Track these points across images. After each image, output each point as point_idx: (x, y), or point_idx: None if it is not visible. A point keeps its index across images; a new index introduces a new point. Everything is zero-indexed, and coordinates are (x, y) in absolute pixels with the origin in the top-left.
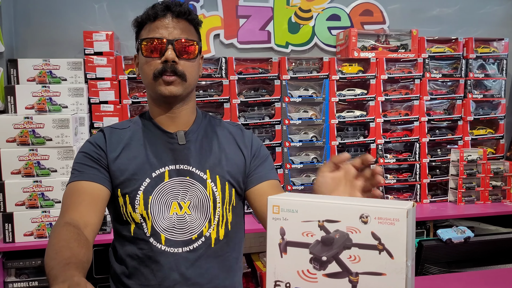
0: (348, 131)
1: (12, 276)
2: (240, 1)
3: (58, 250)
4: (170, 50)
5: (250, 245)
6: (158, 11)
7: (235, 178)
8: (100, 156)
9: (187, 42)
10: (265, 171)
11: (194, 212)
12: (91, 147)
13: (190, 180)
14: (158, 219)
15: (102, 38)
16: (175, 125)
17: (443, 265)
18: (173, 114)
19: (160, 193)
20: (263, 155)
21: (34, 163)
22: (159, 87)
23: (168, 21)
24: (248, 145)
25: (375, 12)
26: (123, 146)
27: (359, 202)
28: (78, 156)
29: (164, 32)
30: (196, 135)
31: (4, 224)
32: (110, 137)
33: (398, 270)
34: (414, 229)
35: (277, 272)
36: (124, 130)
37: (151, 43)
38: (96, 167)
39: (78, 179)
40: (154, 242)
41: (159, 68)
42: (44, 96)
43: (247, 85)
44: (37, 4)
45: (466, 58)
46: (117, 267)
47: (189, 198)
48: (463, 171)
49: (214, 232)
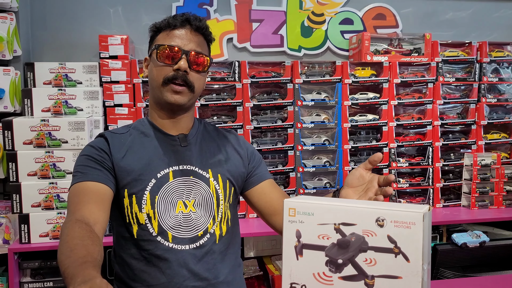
0: (360, 135)
1: (27, 276)
2: (253, 5)
3: (72, 247)
4: (183, 59)
5: (262, 248)
6: (178, 22)
7: (235, 177)
8: (103, 158)
9: (200, 55)
10: (263, 172)
11: (199, 209)
12: (93, 150)
13: (194, 179)
14: (165, 218)
15: (117, 42)
16: (176, 129)
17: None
18: (174, 120)
19: (166, 193)
20: (258, 158)
21: (50, 165)
22: (166, 94)
23: (185, 32)
24: (244, 148)
25: (388, 16)
26: (126, 148)
27: (375, 205)
28: (80, 159)
29: (180, 42)
30: (196, 138)
31: (20, 225)
32: (112, 140)
33: (415, 273)
34: (430, 233)
35: (293, 275)
36: (123, 134)
37: (166, 50)
38: (99, 168)
39: (82, 179)
40: (162, 240)
41: (170, 75)
42: (60, 99)
43: (260, 89)
44: (53, 9)
45: (480, 62)
46: (121, 271)
47: (194, 197)
48: (476, 175)
49: (218, 228)
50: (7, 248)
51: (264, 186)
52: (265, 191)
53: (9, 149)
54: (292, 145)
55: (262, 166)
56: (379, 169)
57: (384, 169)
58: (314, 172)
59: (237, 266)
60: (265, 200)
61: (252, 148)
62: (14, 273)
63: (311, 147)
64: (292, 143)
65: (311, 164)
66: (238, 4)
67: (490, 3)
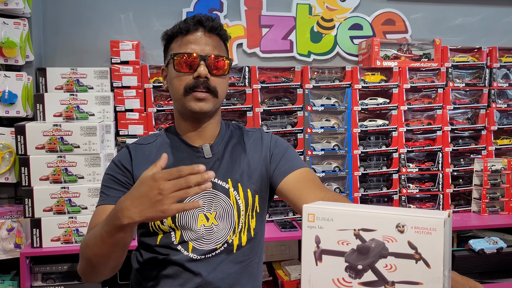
0: (370, 140)
1: (38, 280)
2: (263, 10)
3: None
4: (202, 66)
5: (271, 254)
6: (190, 26)
7: (257, 184)
8: (126, 177)
9: (219, 58)
10: (288, 163)
11: (220, 222)
12: (116, 169)
13: (214, 191)
14: (187, 231)
15: (128, 47)
16: (201, 139)
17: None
18: (200, 129)
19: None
20: (280, 150)
21: (62, 170)
22: (190, 103)
23: (200, 35)
24: (266, 145)
25: (397, 22)
26: (150, 162)
27: (395, 211)
28: (105, 178)
29: (196, 47)
30: (221, 147)
31: (32, 229)
32: (135, 154)
33: (435, 280)
34: (450, 239)
35: (312, 280)
36: (149, 144)
37: (183, 58)
38: (121, 190)
39: (105, 202)
40: (182, 249)
41: (191, 84)
42: (72, 104)
43: (270, 94)
44: (65, 14)
45: (490, 68)
46: (138, 272)
47: (214, 209)
48: (487, 181)
49: (237, 238)
50: (19, 252)
51: (290, 179)
52: (291, 185)
53: (22, 153)
54: (302, 150)
55: (287, 157)
56: (388, 175)
57: (394, 175)
58: (324, 177)
59: (258, 275)
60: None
61: (275, 140)
62: (25, 277)
63: (321, 152)
64: (302, 148)
65: (321, 169)
66: (248, 10)
67: (500, 8)
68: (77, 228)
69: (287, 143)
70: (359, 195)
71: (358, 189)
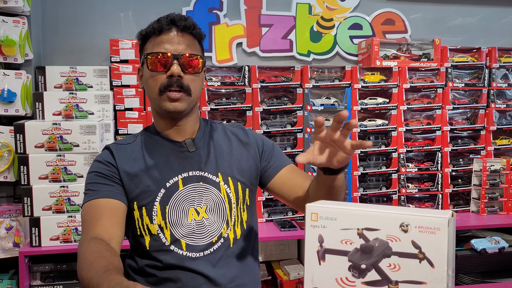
0: (369, 140)
1: (37, 279)
2: (263, 10)
3: (92, 261)
4: (175, 64)
5: (271, 253)
6: (163, 25)
7: (247, 177)
8: (112, 172)
9: (192, 56)
10: (278, 160)
11: (211, 215)
12: (101, 166)
13: (204, 185)
14: (178, 227)
15: (127, 46)
16: (182, 135)
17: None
18: (178, 126)
19: (177, 202)
20: (269, 147)
21: (61, 169)
22: (164, 103)
23: (173, 35)
24: (253, 142)
25: (397, 21)
26: (133, 159)
27: (399, 210)
28: (90, 176)
29: (169, 46)
30: (203, 141)
31: (31, 228)
32: (117, 152)
33: (439, 279)
34: (454, 239)
35: (315, 279)
36: (129, 145)
37: (156, 57)
38: (110, 184)
39: (94, 197)
40: (175, 249)
41: (165, 83)
42: (71, 102)
43: (270, 93)
44: (65, 13)
45: (489, 68)
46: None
47: (205, 203)
48: (486, 181)
49: (232, 232)
50: (18, 251)
51: (282, 175)
52: (284, 180)
53: (21, 152)
54: (302, 150)
55: (276, 154)
56: (388, 175)
57: (393, 175)
58: None
59: (255, 267)
60: (287, 189)
61: (261, 138)
62: (24, 276)
63: None
64: (301, 148)
65: None
66: (248, 9)
67: (499, 8)
68: (76, 227)
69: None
70: (358, 194)
71: (357, 188)
